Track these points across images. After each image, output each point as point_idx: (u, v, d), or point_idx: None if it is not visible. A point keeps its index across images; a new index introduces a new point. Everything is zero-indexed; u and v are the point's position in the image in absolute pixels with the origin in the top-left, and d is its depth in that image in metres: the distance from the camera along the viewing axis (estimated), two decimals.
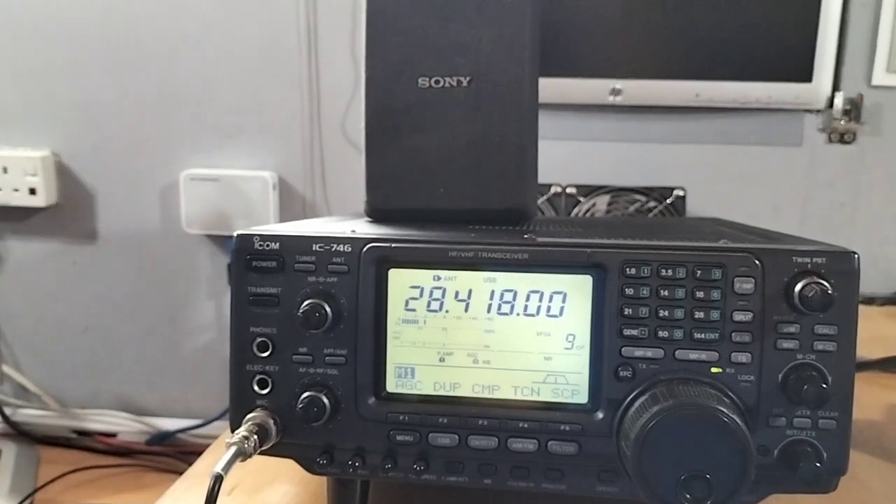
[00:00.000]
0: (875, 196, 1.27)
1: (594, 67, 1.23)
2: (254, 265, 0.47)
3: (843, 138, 1.25)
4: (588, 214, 1.21)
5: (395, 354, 0.47)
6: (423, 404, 0.47)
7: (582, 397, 0.45)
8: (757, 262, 0.43)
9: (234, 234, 0.48)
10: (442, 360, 0.47)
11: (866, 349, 0.89)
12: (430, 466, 0.47)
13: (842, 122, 1.23)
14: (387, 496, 0.56)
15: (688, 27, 1.21)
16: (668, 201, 1.21)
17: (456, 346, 0.47)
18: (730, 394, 0.43)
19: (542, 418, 0.45)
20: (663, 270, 0.44)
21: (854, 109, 1.22)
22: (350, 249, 0.46)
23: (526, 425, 0.45)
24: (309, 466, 0.48)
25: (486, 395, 0.46)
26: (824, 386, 0.41)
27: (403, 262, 0.47)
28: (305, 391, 0.46)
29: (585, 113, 1.28)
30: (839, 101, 1.22)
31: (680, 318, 0.43)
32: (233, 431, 0.46)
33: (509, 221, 0.57)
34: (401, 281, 0.47)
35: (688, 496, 0.39)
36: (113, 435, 1.48)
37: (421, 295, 0.47)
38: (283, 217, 1.37)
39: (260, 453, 0.46)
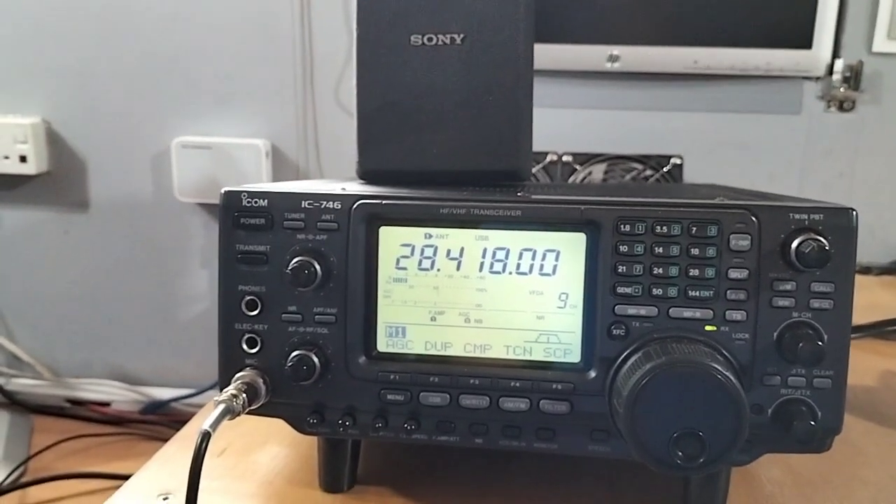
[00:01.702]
0: (873, 165, 1.26)
1: (591, 33, 1.22)
2: (242, 222, 0.46)
3: (843, 106, 1.24)
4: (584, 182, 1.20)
5: (386, 313, 0.46)
6: (415, 363, 0.46)
7: (574, 356, 0.45)
8: (753, 218, 0.42)
9: (222, 190, 0.47)
10: (433, 319, 0.46)
11: (862, 318, 0.88)
12: (422, 426, 0.46)
13: (841, 90, 1.22)
14: (378, 457, 0.55)
15: None
16: (666, 169, 1.20)
17: (447, 305, 0.46)
18: (724, 352, 0.42)
19: (534, 377, 0.45)
20: (658, 227, 0.43)
21: (854, 77, 1.21)
22: (340, 206, 0.45)
23: (518, 384, 0.45)
24: (299, 426, 0.48)
25: (477, 354, 0.46)
26: (819, 344, 0.41)
27: (394, 220, 0.46)
28: (295, 350, 0.45)
29: (582, 80, 1.27)
30: (839, 68, 1.21)
31: (674, 275, 0.43)
32: (221, 390, 0.45)
33: (503, 184, 0.56)
34: (391, 239, 0.46)
35: (680, 454, 0.39)
36: (106, 404, 1.48)
37: (412, 253, 0.46)
38: None
39: (249, 413, 0.46)
